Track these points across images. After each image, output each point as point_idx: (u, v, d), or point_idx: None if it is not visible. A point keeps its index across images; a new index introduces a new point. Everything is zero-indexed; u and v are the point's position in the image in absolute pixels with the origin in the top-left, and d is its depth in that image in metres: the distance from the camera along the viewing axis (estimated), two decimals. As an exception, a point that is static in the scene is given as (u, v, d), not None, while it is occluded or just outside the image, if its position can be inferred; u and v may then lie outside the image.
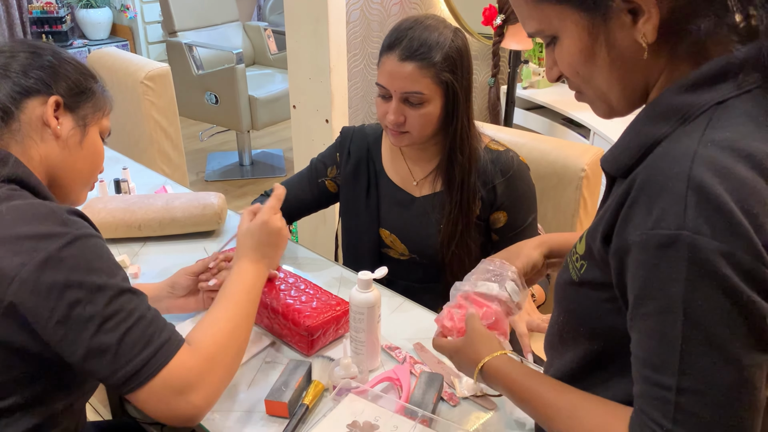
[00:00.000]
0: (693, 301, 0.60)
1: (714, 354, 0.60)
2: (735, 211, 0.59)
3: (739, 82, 0.66)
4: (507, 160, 1.44)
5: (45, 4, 5.28)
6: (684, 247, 0.60)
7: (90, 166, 1.08)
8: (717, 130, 0.64)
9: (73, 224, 0.89)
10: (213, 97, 3.96)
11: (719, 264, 0.59)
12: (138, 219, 1.60)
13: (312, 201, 1.61)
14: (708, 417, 0.61)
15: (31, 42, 1.04)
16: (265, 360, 1.22)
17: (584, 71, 0.74)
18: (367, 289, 1.14)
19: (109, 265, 0.90)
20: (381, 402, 1.08)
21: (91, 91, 1.06)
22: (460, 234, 1.43)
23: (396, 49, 1.32)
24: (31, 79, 0.99)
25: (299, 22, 2.39)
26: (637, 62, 0.70)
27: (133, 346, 0.87)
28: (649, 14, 0.66)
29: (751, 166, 0.61)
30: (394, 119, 1.35)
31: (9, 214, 0.88)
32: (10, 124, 0.97)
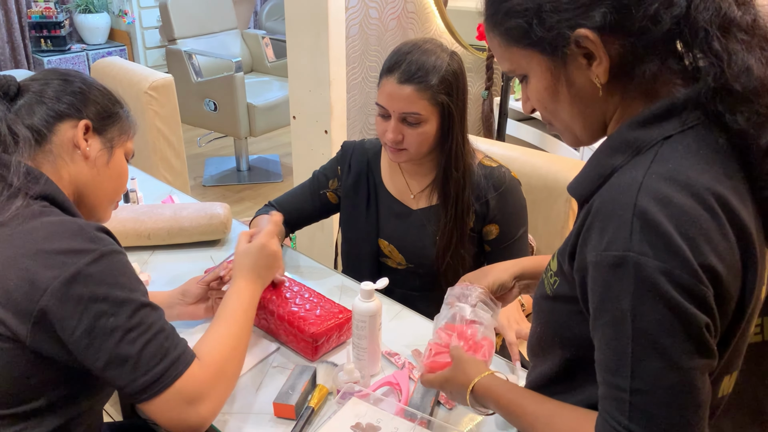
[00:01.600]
0: (639, 313, 0.69)
1: (659, 359, 0.69)
2: (674, 235, 0.67)
3: (683, 120, 0.74)
4: (499, 175, 1.52)
5: (44, 9, 5.33)
6: (630, 266, 0.69)
7: (115, 184, 1.15)
8: (661, 162, 0.72)
9: (100, 241, 0.97)
10: (212, 104, 4.03)
11: (660, 281, 0.67)
12: (147, 228, 1.67)
13: (313, 211, 1.69)
14: (657, 413, 0.69)
15: (62, 70, 1.12)
16: (273, 365, 1.30)
17: (550, 106, 0.83)
18: (369, 299, 1.22)
19: (131, 280, 0.98)
20: (382, 405, 1.15)
21: (117, 116, 1.14)
22: (455, 245, 1.51)
23: (395, 72, 1.39)
24: (63, 104, 1.06)
25: (300, 37, 2.47)
26: (593, 99, 0.79)
27: (152, 358, 0.95)
28: (600, 59, 0.75)
29: (689, 194, 0.70)
30: (393, 137, 1.43)
31: (42, 229, 0.95)
32: (44, 146, 1.04)
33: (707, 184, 0.70)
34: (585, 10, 0.74)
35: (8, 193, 0.97)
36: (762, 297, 0.80)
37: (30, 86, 1.08)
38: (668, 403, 0.69)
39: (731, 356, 0.77)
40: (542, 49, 0.78)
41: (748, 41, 0.72)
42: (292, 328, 1.30)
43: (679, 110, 0.75)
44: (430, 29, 2.80)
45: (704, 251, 0.68)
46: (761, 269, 0.75)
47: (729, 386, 0.80)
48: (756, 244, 0.73)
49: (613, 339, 0.72)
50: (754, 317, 0.78)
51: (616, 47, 0.75)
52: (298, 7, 2.43)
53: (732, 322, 0.74)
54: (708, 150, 0.73)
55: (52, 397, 0.98)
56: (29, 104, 1.05)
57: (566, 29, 0.75)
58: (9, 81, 1.06)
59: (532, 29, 0.77)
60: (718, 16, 0.72)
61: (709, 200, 0.70)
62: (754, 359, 0.84)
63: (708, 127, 0.74)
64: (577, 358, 0.85)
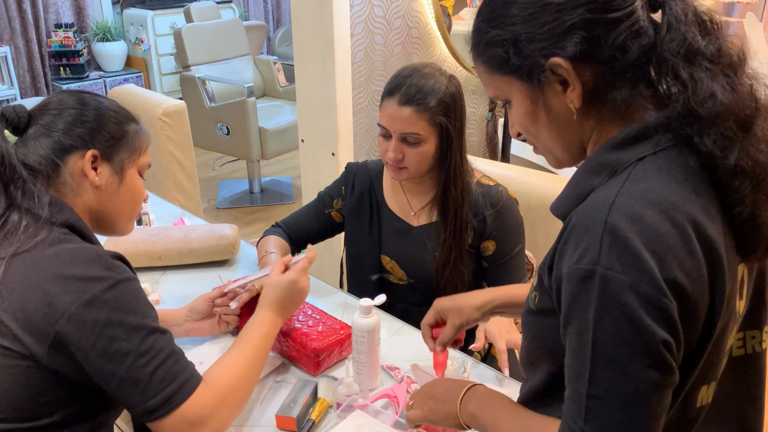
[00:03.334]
0: (601, 324, 0.73)
1: (614, 368, 0.72)
2: (641, 251, 0.71)
3: (655, 142, 0.78)
4: (496, 194, 1.57)
5: (63, 38, 5.50)
6: (598, 279, 0.72)
7: (131, 203, 1.19)
8: (634, 182, 0.76)
9: (115, 268, 1.02)
10: (225, 129, 4.12)
11: (624, 294, 0.71)
12: (158, 249, 1.73)
13: (319, 230, 1.75)
14: (609, 419, 0.73)
15: (78, 96, 1.15)
16: (276, 379, 1.35)
17: (531, 129, 0.88)
18: (367, 315, 1.27)
19: (143, 306, 1.03)
20: (381, 417, 1.19)
21: (126, 137, 1.16)
22: (454, 261, 1.56)
23: (396, 95, 1.46)
24: (70, 138, 1.09)
25: (308, 63, 2.54)
26: (570, 123, 0.84)
27: (161, 381, 1.00)
28: (573, 86, 0.80)
29: (658, 211, 0.73)
30: (394, 156, 1.49)
31: (63, 255, 1.01)
32: (59, 177, 1.09)
33: (677, 203, 0.74)
34: (558, 40, 0.79)
35: (35, 224, 1.03)
36: (740, 311, 0.83)
37: (41, 116, 1.11)
38: (620, 411, 0.73)
39: (705, 367, 0.80)
40: (520, 76, 0.83)
41: (712, 69, 0.76)
42: (295, 343, 1.35)
43: (651, 133, 0.79)
44: (434, 53, 2.87)
45: (670, 266, 0.72)
46: (732, 284, 0.78)
47: (708, 396, 0.83)
48: (724, 260, 0.76)
49: (577, 346, 0.76)
50: (728, 330, 0.81)
51: (589, 74, 0.80)
52: (305, 34, 2.51)
53: (702, 335, 0.77)
54: (679, 170, 0.77)
55: (66, 413, 1.03)
56: (37, 137, 1.09)
57: (541, 58, 0.80)
58: (19, 113, 1.10)
59: (510, 58, 0.82)
60: (683, 46, 0.76)
61: (677, 218, 0.73)
62: (737, 372, 0.87)
63: (679, 148, 0.78)
64: (562, 371, 0.89)
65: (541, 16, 0.79)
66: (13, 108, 1.10)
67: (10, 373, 0.98)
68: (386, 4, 2.59)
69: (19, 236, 1.01)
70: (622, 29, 0.77)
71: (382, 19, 2.60)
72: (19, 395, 0.99)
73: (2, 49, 5.20)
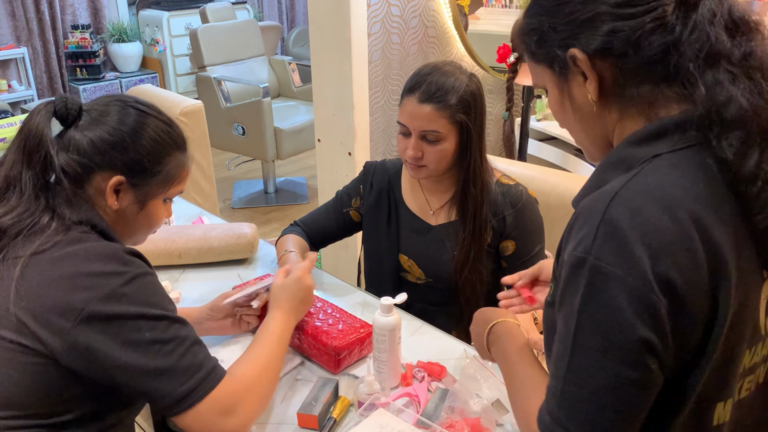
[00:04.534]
0: (585, 313, 0.73)
1: (591, 358, 0.73)
2: (635, 244, 0.70)
3: (675, 140, 0.77)
4: (516, 193, 1.57)
5: (80, 39, 5.55)
6: (588, 268, 0.72)
7: (145, 227, 1.18)
8: (642, 176, 0.76)
9: (132, 264, 1.03)
10: (240, 129, 4.14)
11: (611, 286, 0.71)
12: (178, 248, 1.74)
13: (337, 229, 1.75)
14: (580, 407, 0.74)
15: (140, 116, 1.09)
16: (296, 377, 1.35)
17: (561, 119, 0.89)
18: (388, 314, 1.27)
19: (162, 299, 1.04)
20: (403, 416, 1.19)
21: (163, 171, 1.11)
22: (473, 260, 1.55)
23: (416, 92, 1.46)
24: (104, 158, 1.06)
25: (324, 63, 2.55)
26: (591, 115, 0.84)
27: (188, 368, 1.00)
28: (590, 78, 0.80)
29: (661, 207, 0.72)
30: (413, 154, 1.49)
31: (80, 253, 1.01)
32: (86, 186, 1.08)
33: (682, 200, 0.73)
34: (577, 32, 0.80)
35: (59, 224, 1.03)
36: (763, 327, 0.80)
37: (92, 122, 1.07)
38: (590, 401, 0.73)
39: (717, 381, 0.77)
40: (549, 65, 0.85)
41: (735, 72, 0.75)
42: (316, 342, 1.35)
43: (671, 131, 0.78)
44: (451, 53, 2.87)
45: (664, 263, 0.70)
46: (747, 294, 0.75)
47: (725, 414, 0.80)
48: (729, 264, 0.73)
49: (562, 331, 0.76)
50: (743, 343, 0.78)
51: (607, 67, 0.80)
52: (322, 34, 2.51)
53: (704, 339, 0.75)
54: (694, 170, 0.75)
55: (82, 411, 1.03)
56: (77, 143, 1.06)
57: (560, 49, 0.81)
58: (69, 107, 1.07)
59: (536, 47, 0.84)
60: (705, 47, 0.75)
61: (680, 214, 0.72)
62: None
63: (699, 149, 0.76)
64: None
65: (564, 8, 0.80)
66: (64, 101, 1.06)
67: (27, 371, 0.98)
68: (403, 3, 2.59)
69: (43, 236, 1.01)
70: (641, 24, 0.76)
71: (398, 18, 2.60)
72: (36, 393, 0.99)
73: (20, 50, 5.26)
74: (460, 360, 1.40)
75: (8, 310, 0.98)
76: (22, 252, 1.01)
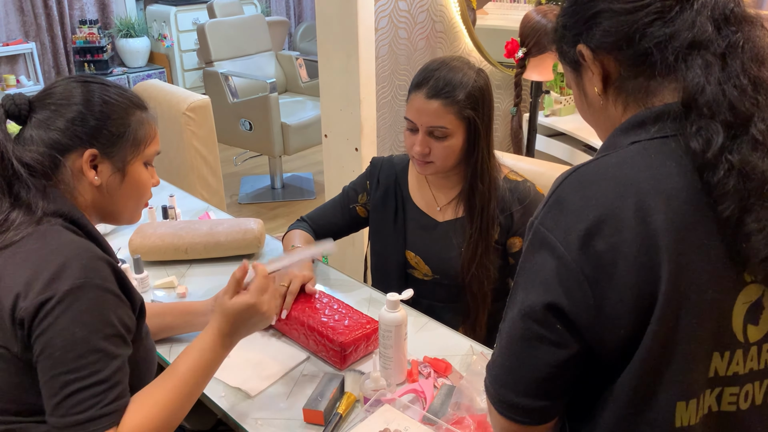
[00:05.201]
0: (521, 270, 0.82)
1: (514, 310, 0.81)
2: (573, 214, 0.76)
3: (655, 130, 0.78)
4: (524, 189, 1.56)
5: (87, 35, 5.56)
6: (533, 231, 0.80)
7: (135, 196, 1.14)
8: (607, 158, 0.79)
9: (91, 272, 0.96)
10: (247, 124, 4.14)
11: (543, 249, 0.78)
12: (185, 243, 1.74)
13: (344, 225, 1.74)
14: (498, 352, 0.84)
15: (84, 88, 1.08)
16: (302, 373, 1.35)
17: (582, 114, 0.93)
18: (394, 310, 1.26)
19: (100, 321, 0.96)
20: (408, 412, 1.19)
21: (128, 132, 1.09)
22: (480, 257, 1.54)
23: (423, 88, 1.45)
24: (67, 137, 1.05)
25: (332, 58, 2.54)
26: (600, 108, 0.87)
27: (75, 405, 0.93)
28: (594, 72, 0.85)
29: (611, 184, 0.76)
30: (420, 150, 1.48)
31: (41, 250, 0.97)
32: (59, 173, 1.06)
33: (635, 182, 0.75)
34: (583, 29, 0.84)
35: (29, 219, 1.00)
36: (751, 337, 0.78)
37: (43, 107, 1.06)
38: (504, 348, 0.83)
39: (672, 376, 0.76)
40: (567, 62, 0.90)
41: (710, 61, 0.75)
42: (322, 337, 1.35)
43: (652, 121, 0.79)
44: (459, 48, 2.85)
45: (598, 235, 0.74)
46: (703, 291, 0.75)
47: (690, 417, 0.78)
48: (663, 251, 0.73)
49: None
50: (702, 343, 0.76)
51: (610, 62, 0.83)
52: (329, 29, 2.51)
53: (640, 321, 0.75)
54: (663, 158, 0.76)
55: None
56: (36, 130, 1.05)
57: (572, 45, 0.86)
58: (18, 104, 1.06)
59: (556, 44, 0.90)
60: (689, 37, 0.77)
61: (627, 194, 0.74)
62: None
63: (676, 140, 0.77)
64: None
65: (575, 6, 0.86)
66: (12, 98, 1.06)
67: (4, 369, 0.97)
68: (411, -2, 2.58)
69: (10, 233, 0.99)
70: (637, 19, 0.79)
71: (406, 13, 2.59)
72: (15, 390, 0.98)
73: (28, 46, 5.27)
74: (466, 356, 1.39)
75: None
76: None
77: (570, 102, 3.10)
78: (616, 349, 0.77)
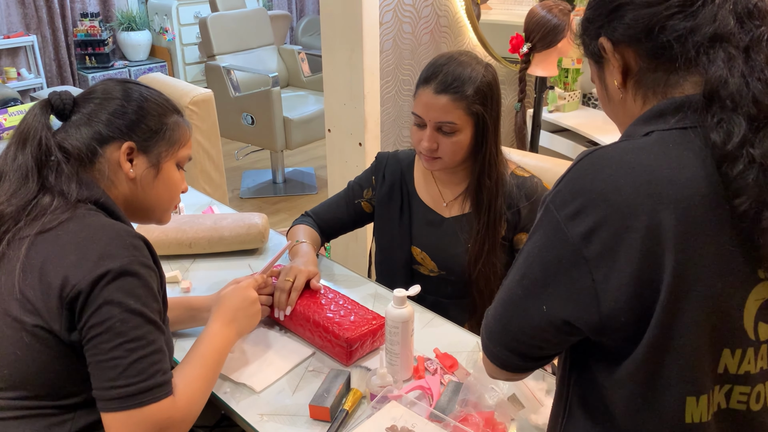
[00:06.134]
0: (527, 244, 0.84)
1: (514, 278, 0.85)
2: (583, 196, 0.76)
3: (674, 121, 0.78)
4: (531, 185, 1.55)
5: (89, 28, 5.53)
6: (543, 207, 0.82)
7: (167, 195, 1.20)
8: (626, 143, 0.79)
9: (133, 250, 1.01)
10: (249, 118, 4.12)
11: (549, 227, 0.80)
12: (189, 237, 1.73)
13: (349, 220, 1.74)
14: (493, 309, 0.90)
15: (124, 86, 1.15)
16: (308, 369, 1.34)
17: (602, 103, 0.93)
18: (401, 306, 1.25)
19: (148, 296, 1.01)
20: (415, 409, 1.18)
21: (164, 130, 1.16)
22: (487, 253, 1.53)
23: (432, 83, 1.44)
24: (110, 128, 1.10)
25: (336, 52, 2.53)
26: (620, 101, 0.88)
27: (139, 373, 0.97)
28: (615, 65, 0.85)
29: (625, 170, 0.75)
30: (428, 146, 1.47)
31: (82, 231, 1.02)
32: (96, 164, 1.11)
33: (649, 169, 0.74)
34: (605, 22, 0.85)
35: (65, 204, 1.04)
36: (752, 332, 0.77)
37: (85, 104, 1.12)
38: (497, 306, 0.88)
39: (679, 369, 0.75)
40: (590, 56, 0.90)
41: (733, 54, 0.75)
42: (327, 333, 1.34)
43: (671, 112, 0.78)
44: (463, 42, 2.84)
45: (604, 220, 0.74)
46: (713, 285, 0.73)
47: (702, 413, 0.78)
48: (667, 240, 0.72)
49: None
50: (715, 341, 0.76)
51: (631, 55, 0.83)
52: (333, 23, 2.49)
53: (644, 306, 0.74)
54: (681, 148, 0.75)
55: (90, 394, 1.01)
56: (79, 124, 1.10)
57: (594, 38, 0.87)
58: (64, 99, 1.11)
59: (580, 38, 0.91)
60: (711, 30, 0.77)
61: (640, 182, 0.74)
62: None
63: (695, 131, 0.76)
64: None
65: (598, 0, 0.87)
66: (59, 94, 1.11)
67: (33, 350, 0.99)
68: (415, -8, 2.56)
69: (48, 217, 1.02)
70: (659, 12, 0.79)
71: (410, 7, 2.57)
72: (41, 373, 1.00)
73: (29, 38, 5.25)
74: (472, 353, 1.38)
75: (14, 287, 0.99)
76: (28, 232, 1.02)
77: (573, 98, 3.09)
78: (617, 337, 0.77)
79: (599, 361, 0.82)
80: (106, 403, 0.97)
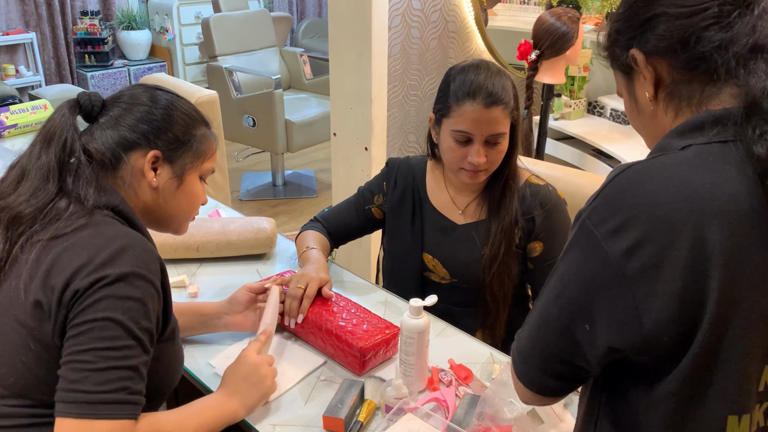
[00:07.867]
0: (563, 260, 0.82)
1: (549, 297, 0.83)
2: (623, 212, 0.74)
3: (712, 134, 0.76)
4: (546, 193, 1.53)
5: (88, 26, 5.50)
6: (579, 223, 0.79)
7: (187, 207, 1.17)
8: (663, 158, 0.77)
9: (141, 264, 0.98)
10: (251, 120, 4.10)
11: (585, 244, 0.77)
12: (196, 241, 1.71)
13: (358, 226, 1.71)
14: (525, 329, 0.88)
15: (153, 92, 1.12)
16: (320, 378, 1.31)
17: (632, 122, 0.91)
18: (418, 316, 1.23)
19: (140, 313, 0.97)
20: (431, 421, 1.16)
21: (191, 142, 1.13)
22: (503, 255, 1.52)
23: (478, 97, 1.41)
24: (135, 134, 1.08)
25: (343, 56, 2.51)
26: (651, 114, 0.86)
27: (105, 383, 0.92)
28: (647, 77, 0.83)
29: (666, 184, 0.73)
30: (479, 161, 1.44)
31: (97, 237, 0.99)
32: (119, 170, 1.08)
33: (691, 184, 0.72)
34: (637, 33, 0.83)
35: (81, 210, 1.01)
36: None
37: (113, 107, 1.10)
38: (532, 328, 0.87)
39: (721, 388, 0.74)
40: (619, 68, 0.88)
41: None
42: (340, 342, 1.32)
43: (710, 125, 0.77)
44: (471, 49, 2.83)
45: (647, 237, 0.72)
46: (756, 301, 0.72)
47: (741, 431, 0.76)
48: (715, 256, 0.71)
49: None
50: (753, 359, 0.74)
51: (664, 67, 0.82)
52: (341, 26, 2.47)
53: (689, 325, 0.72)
54: (722, 162, 0.74)
55: None
56: (105, 127, 1.09)
57: (624, 50, 0.85)
58: (93, 100, 1.09)
59: (609, 50, 0.89)
60: (750, 40, 0.76)
61: (682, 197, 0.72)
62: None
63: (736, 145, 0.75)
64: None
65: (628, 12, 0.84)
66: (88, 95, 1.10)
67: (37, 357, 0.97)
68: (424, -3, 2.55)
69: (62, 222, 1.00)
70: (694, 24, 0.78)
71: (419, 12, 2.56)
72: (45, 381, 0.97)
73: (28, 36, 5.21)
74: (486, 364, 1.36)
75: (22, 290, 0.97)
76: (42, 236, 1.00)
77: (579, 106, 3.08)
78: (658, 355, 0.75)
79: (635, 380, 0.80)
80: (62, 406, 0.91)
